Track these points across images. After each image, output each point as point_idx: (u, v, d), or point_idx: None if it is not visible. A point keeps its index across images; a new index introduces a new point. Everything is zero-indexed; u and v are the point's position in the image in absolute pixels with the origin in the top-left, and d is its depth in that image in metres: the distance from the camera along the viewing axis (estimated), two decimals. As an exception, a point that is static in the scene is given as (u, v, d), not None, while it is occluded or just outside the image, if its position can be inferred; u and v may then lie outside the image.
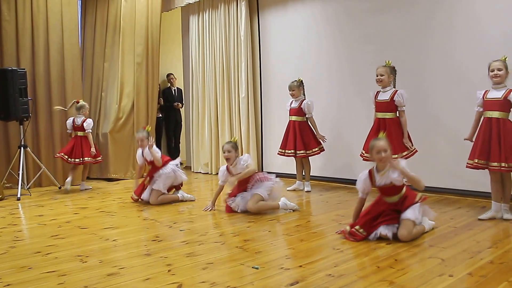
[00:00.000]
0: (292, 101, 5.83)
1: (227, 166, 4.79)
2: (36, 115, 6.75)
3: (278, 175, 6.73)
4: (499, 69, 3.97)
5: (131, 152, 7.52)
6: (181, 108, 9.08)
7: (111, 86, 7.53)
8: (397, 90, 4.88)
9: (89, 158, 6.39)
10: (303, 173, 5.95)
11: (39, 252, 3.49)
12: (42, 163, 6.60)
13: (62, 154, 6.36)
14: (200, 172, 8.03)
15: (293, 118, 5.77)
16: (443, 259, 3.00)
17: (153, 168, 5.36)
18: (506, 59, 4.00)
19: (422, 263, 2.94)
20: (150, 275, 2.87)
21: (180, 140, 9.44)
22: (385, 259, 3.03)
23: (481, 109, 4.12)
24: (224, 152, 4.74)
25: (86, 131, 6.42)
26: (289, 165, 6.43)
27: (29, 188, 6.41)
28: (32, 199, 5.86)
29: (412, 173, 3.49)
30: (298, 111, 5.74)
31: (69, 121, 6.51)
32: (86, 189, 6.58)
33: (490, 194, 4.14)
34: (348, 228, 3.56)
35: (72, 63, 7.03)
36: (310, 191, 5.79)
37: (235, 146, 4.74)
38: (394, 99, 4.79)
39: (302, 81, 5.80)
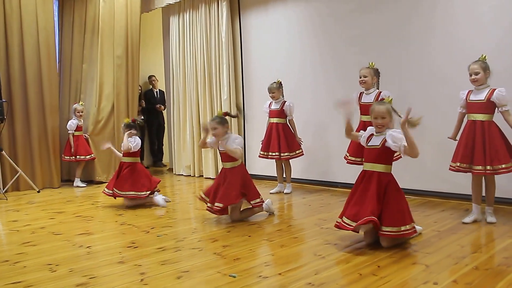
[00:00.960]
0: (272, 102, 5.72)
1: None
2: (12, 117, 6.54)
3: (261, 177, 6.72)
4: (476, 73, 3.89)
5: (112, 155, 7.36)
6: (163, 110, 8.94)
7: (90, 88, 7.33)
8: (380, 92, 4.80)
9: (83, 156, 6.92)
10: (284, 175, 5.84)
11: (7, 260, 3.33)
12: (19, 166, 6.41)
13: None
14: (182, 175, 7.88)
15: (275, 120, 5.66)
16: (427, 265, 2.90)
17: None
18: (486, 58, 3.92)
19: (405, 270, 2.84)
20: (121, 285, 2.73)
21: (164, 143, 9.30)
22: (367, 266, 2.92)
23: (464, 110, 4.05)
24: (212, 130, 4.37)
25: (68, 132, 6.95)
26: (272, 167, 6.32)
27: (5, 192, 6.22)
28: (9, 204, 5.67)
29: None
30: (280, 113, 5.63)
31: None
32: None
33: (472, 196, 4.08)
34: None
35: (48, 64, 6.82)
36: (290, 193, 5.71)
37: (221, 121, 4.34)
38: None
39: (281, 82, 5.70)
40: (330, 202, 5.14)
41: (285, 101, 5.63)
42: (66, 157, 6.95)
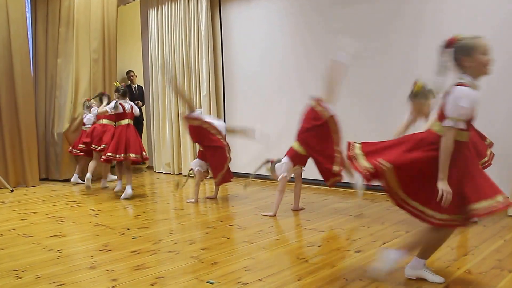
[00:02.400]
0: None
1: None
2: (-17, 114, 6.28)
3: (242, 175, 6.54)
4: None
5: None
6: (142, 106, 8.69)
7: (65, 83, 7.07)
8: None
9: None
10: None
11: (-30, 266, 3.12)
12: (-9, 164, 6.17)
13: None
14: (162, 172, 7.67)
15: None
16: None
17: None
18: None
19: (395, 275, 2.66)
20: (91, 293, 2.54)
21: (142, 139, 9.04)
22: (353, 270, 2.77)
23: None
24: None
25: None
26: (253, 165, 6.14)
27: (-24, 191, 5.99)
28: (-22, 204, 5.43)
29: None
30: None
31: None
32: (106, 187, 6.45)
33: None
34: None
35: (20, 58, 6.54)
36: None
37: None
38: None
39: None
40: (313, 201, 4.98)
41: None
42: (74, 150, 6.63)
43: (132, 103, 5.74)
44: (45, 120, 7.16)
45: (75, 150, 6.61)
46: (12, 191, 6.20)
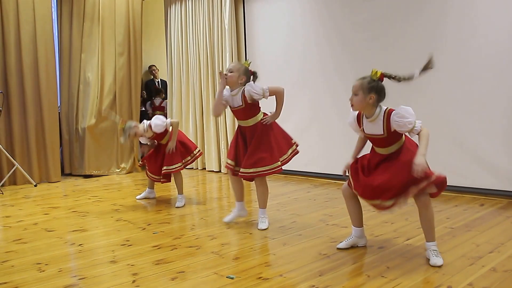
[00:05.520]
0: None
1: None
2: (9, 109, 6.37)
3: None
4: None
5: (113, 148, 7.23)
6: (166, 100, 8.74)
7: (90, 78, 7.14)
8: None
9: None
10: None
11: (-5, 259, 3.16)
12: (16, 160, 6.26)
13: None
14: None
15: None
16: (440, 266, 2.69)
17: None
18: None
19: (417, 272, 2.61)
20: (112, 287, 2.54)
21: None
22: (375, 267, 2.71)
23: None
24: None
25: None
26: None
27: (2, 185, 6.08)
28: (4, 198, 5.51)
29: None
30: None
31: None
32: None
33: (489, 191, 3.85)
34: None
35: (46, 53, 6.60)
36: None
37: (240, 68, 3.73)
38: None
39: None
40: (336, 196, 4.92)
41: None
42: None
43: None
44: (69, 115, 7.24)
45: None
46: (35, 185, 6.29)
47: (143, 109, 8.45)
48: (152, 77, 8.76)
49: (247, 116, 3.70)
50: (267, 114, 3.74)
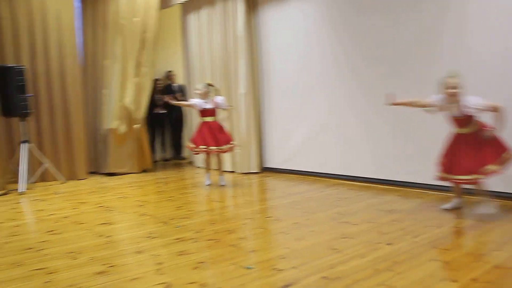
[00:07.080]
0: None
1: None
2: (38, 111, 6.75)
3: (280, 171, 6.73)
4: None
5: (135, 147, 7.49)
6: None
7: (112, 83, 7.44)
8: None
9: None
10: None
11: (31, 248, 3.44)
12: (46, 158, 6.59)
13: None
14: (202, 167, 7.93)
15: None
16: (445, 262, 2.88)
17: None
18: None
19: (423, 267, 2.80)
20: (139, 274, 2.79)
21: (183, 136, 9.34)
22: (383, 261, 2.91)
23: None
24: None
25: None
26: (291, 161, 6.36)
27: (34, 182, 6.44)
28: (35, 194, 5.84)
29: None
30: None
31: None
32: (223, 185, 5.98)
33: (494, 192, 4.02)
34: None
35: (71, 61, 6.99)
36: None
37: None
38: None
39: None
40: (348, 196, 5.09)
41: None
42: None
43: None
44: (94, 117, 7.57)
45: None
46: (64, 183, 6.61)
47: (164, 112, 8.72)
48: (170, 82, 9.02)
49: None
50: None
